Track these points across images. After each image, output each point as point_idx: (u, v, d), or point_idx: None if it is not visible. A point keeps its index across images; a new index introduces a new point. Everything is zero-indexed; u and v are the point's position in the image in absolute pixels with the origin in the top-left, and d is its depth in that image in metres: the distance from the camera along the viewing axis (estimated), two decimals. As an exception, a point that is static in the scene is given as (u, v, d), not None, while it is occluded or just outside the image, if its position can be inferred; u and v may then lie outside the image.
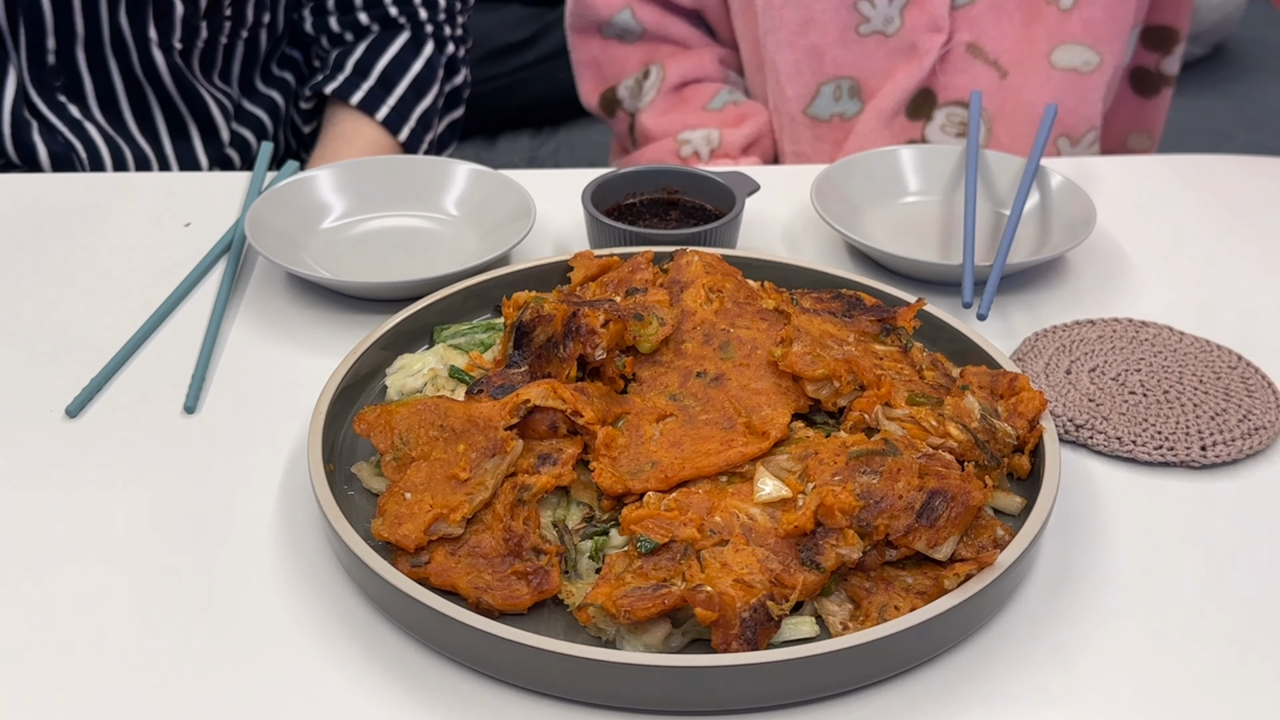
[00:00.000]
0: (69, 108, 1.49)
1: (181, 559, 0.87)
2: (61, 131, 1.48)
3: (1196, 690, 0.79)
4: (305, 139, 1.72)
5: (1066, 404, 1.00)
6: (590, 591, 0.79)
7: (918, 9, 1.49)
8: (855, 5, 1.50)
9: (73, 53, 1.47)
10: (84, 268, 1.19)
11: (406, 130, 1.60)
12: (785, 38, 1.53)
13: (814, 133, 1.58)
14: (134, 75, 1.51)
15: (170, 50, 1.51)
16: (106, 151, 1.51)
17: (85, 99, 1.51)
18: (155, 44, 1.49)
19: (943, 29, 1.50)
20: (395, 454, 0.88)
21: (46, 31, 1.45)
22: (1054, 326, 1.10)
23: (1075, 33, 1.50)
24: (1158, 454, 0.96)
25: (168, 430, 0.99)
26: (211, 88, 1.58)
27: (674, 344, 0.96)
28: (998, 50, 1.50)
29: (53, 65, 1.47)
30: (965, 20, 1.50)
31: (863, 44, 1.52)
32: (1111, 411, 0.99)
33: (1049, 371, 1.04)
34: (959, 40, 1.51)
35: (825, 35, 1.53)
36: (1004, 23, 1.50)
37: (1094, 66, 1.51)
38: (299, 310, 1.13)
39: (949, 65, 1.52)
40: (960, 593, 0.78)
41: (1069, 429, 0.98)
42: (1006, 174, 1.28)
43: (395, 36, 1.63)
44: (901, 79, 1.52)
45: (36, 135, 1.47)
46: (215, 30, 1.55)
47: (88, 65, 1.48)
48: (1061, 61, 1.51)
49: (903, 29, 1.51)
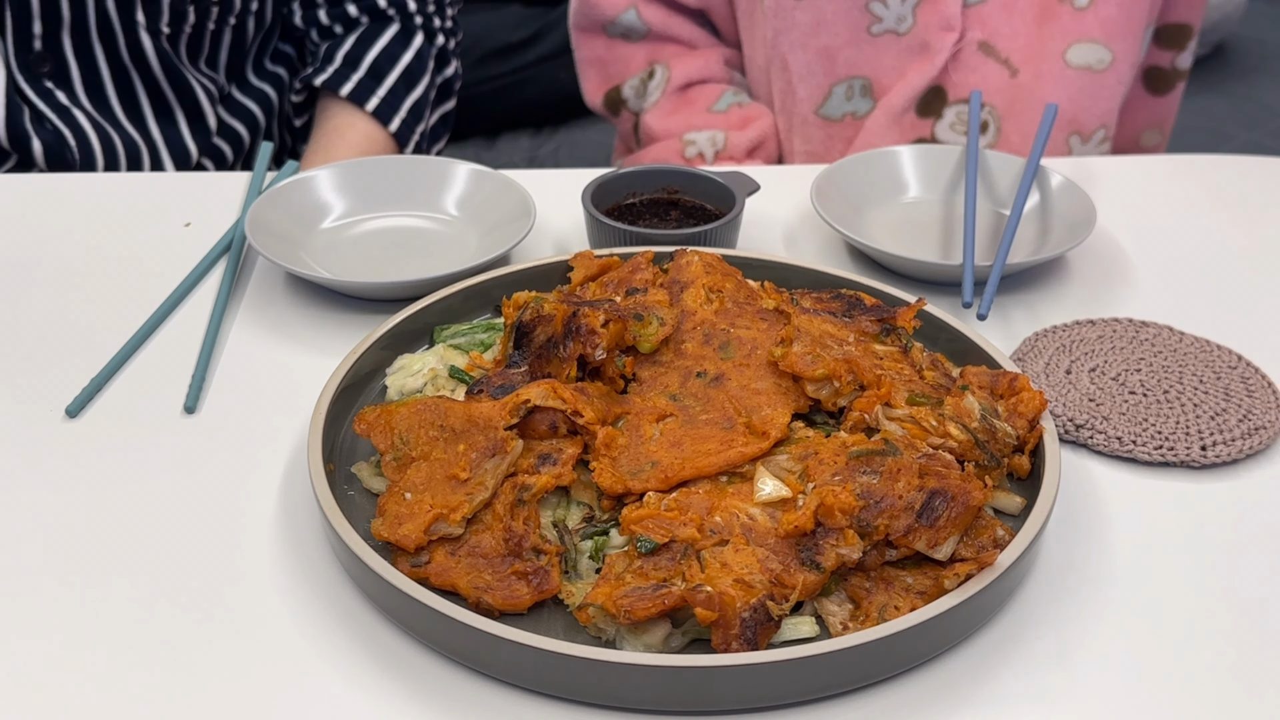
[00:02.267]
0: (56, 94, 1.49)
1: (181, 559, 0.87)
2: (51, 119, 1.48)
3: (1197, 690, 0.79)
4: (298, 132, 1.72)
5: (1066, 404, 1.00)
6: (590, 591, 0.79)
7: (930, 7, 1.49)
8: (867, 5, 1.50)
9: (59, 38, 1.47)
10: (84, 268, 1.19)
11: (397, 121, 1.60)
12: (798, 39, 1.53)
13: (825, 132, 1.58)
14: (120, 61, 1.50)
15: (158, 35, 1.51)
16: (96, 140, 1.50)
17: (72, 85, 1.50)
18: (143, 28, 1.49)
19: (955, 27, 1.50)
20: (395, 454, 0.88)
21: (33, 16, 1.44)
22: (1054, 326, 1.10)
23: (1090, 31, 1.50)
24: (1158, 454, 0.96)
25: (168, 430, 0.99)
26: (198, 74, 1.58)
27: (674, 344, 0.96)
28: (1009, 48, 1.50)
29: (39, 51, 1.46)
30: (977, 18, 1.50)
31: (875, 44, 1.52)
32: (1111, 411, 0.99)
33: (1049, 371, 1.04)
34: (971, 38, 1.50)
35: (838, 36, 1.52)
36: (1016, 21, 1.50)
37: (1107, 64, 1.52)
38: (299, 310, 1.13)
39: (960, 63, 1.52)
40: (960, 593, 0.78)
41: (1069, 429, 0.98)
42: (1006, 174, 1.28)
43: (385, 28, 1.63)
44: (913, 77, 1.52)
45: (28, 122, 1.47)
46: (203, 15, 1.54)
47: (74, 50, 1.48)
48: (1076, 60, 1.51)
49: (915, 27, 1.50)
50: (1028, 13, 1.50)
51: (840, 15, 1.51)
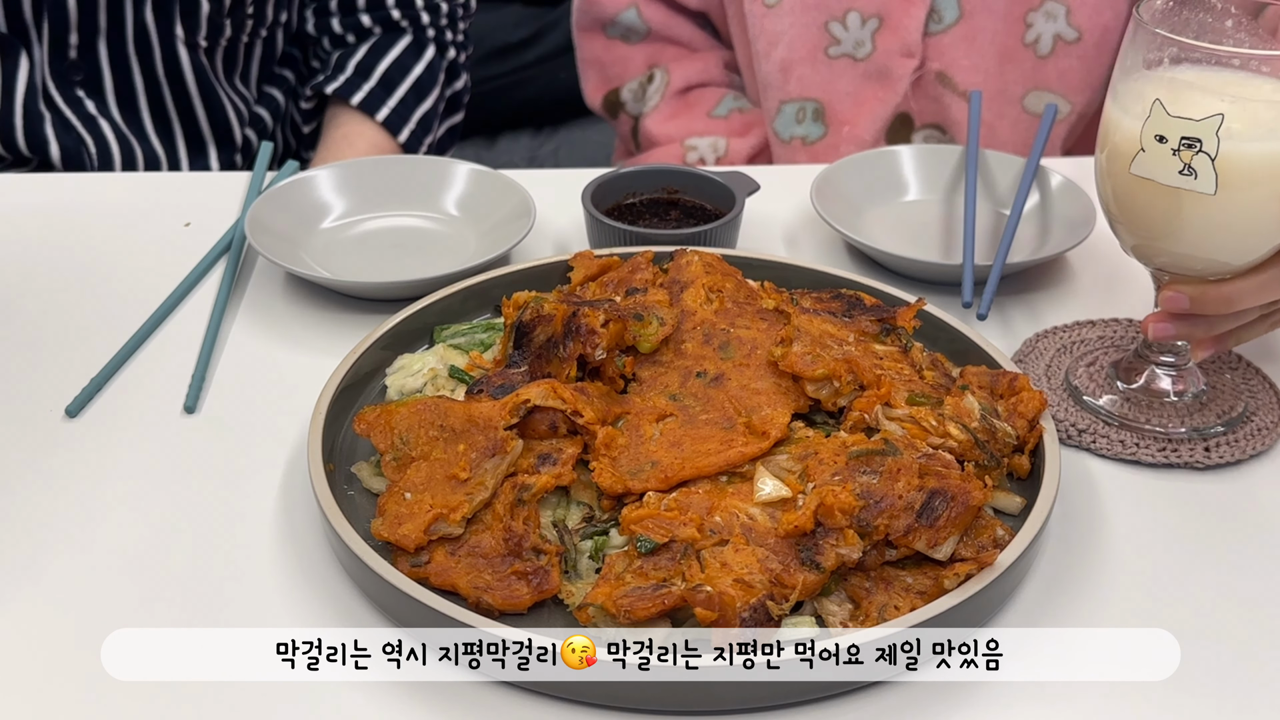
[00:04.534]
0: (85, 102, 1.49)
1: (181, 559, 0.87)
2: (75, 126, 1.48)
3: (1197, 690, 0.79)
4: (305, 138, 1.72)
5: (1068, 408, 1.00)
6: (590, 591, 0.79)
7: (890, 33, 1.48)
8: (826, 25, 1.49)
9: (95, 47, 1.47)
10: (84, 268, 1.19)
11: (406, 131, 1.61)
12: (763, 49, 1.52)
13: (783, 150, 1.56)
14: (155, 74, 1.51)
15: (195, 48, 1.51)
16: (117, 149, 1.50)
17: (104, 94, 1.51)
18: (181, 41, 1.50)
19: (915, 54, 1.49)
20: (395, 454, 0.88)
21: (70, 26, 1.45)
22: (1054, 327, 1.10)
23: (1049, 81, 1.50)
24: (1161, 456, 0.96)
25: (168, 430, 0.99)
26: (231, 91, 1.59)
27: (674, 344, 0.96)
28: (967, 82, 1.50)
29: (74, 60, 1.47)
30: (936, 49, 1.49)
31: (830, 66, 1.51)
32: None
33: (1050, 374, 1.04)
34: (929, 68, 1.50)
35: (795, 52, 1.51)
36: (976, 56, 1.49)
37: (1063, 115, 1.52)
38: (299, 310, 1.13)
39: (921, 91, 1.51)
40: (960, 593, 0.78)
41: (1071, 434, 0.98)
42: (1006, 174, 1.28)
43: (397, 39, 1.64)
44: (876, 106, 1.50)
45: (49, 128, 1.47)
46: (238, 28, 1.55)
47: (109, 61, 1.48)
48: (1032, 106, 1.51)
49: (874, 54, 1.49)
50: (989, 50, 1.49)
51: (799, 31, 1.50)
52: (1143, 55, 0.90)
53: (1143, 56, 0.90)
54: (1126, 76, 0.91)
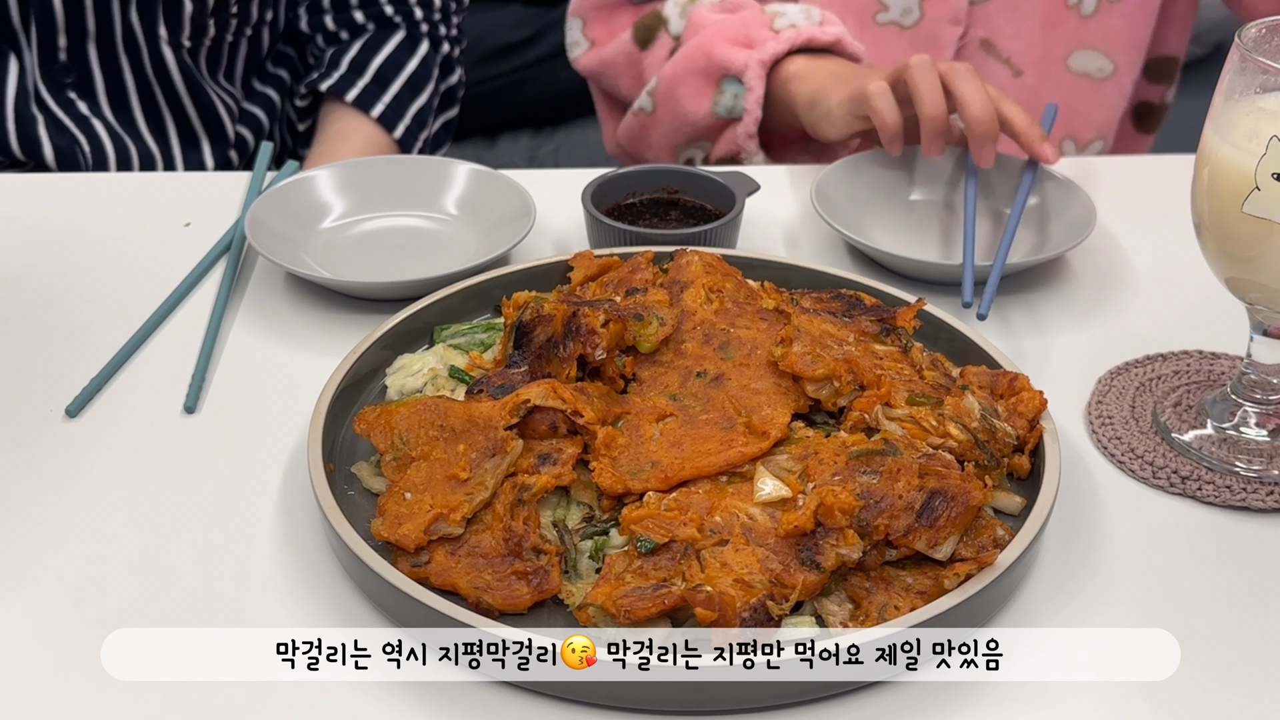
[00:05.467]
0: (78, 104, 1.50)
1: (181, 559, 0.87)
2: (69, 128, 1.49)
3: (1197, 690, 0.79)
4: (301, 136, 1.73)
5: (1163, 452, 0.96)
6: (590, 591, 0.79)
7: (938, 1, 1.48)
8: None
9: (84, 50, 1.48)
10: (84, 268, 1.19)
11: (401, 128, 1.61)
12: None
13: None
14: (144, 74, 1.52)
15: (179, 48, 1.52)
16: (112, 150, 1.51)
17: (96, 96, 1.51)
18: (165, 41, 1.50)
19: (961, 21, 1.49)
20: (395, 454, 0.88)
21: (58, 29, 1.45)
22: (1125, 364, 1.05)
23: (1093, 39, 1.50)
24: (1271, 500, 0.91)
25: (168, 430, 0.99)
26: (218, 88, 1.59)
27: (674, 344, 0.96)
28: (1011, 49, 1.50)
29: (63, 62, 1.47)
30: (981, 15, 1.49)
31: (878, 33, 1.51)
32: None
33: (1137, 416, 0.99)
34: (974, 35, 1.50)
35: (843, 18, 1.48)
36: (1019, 22, 1.49)
37: (1108, 74, 1.52)
38: (299, 310, 1.13)
39: (964, 59, 1.51)
40: (960, 593, 0.78)
41: (1174, 481, 0.94)
42: (1007, 174, 1.28)
43: (391, 35, 1.64)
44: None
45: (42, 131, 1.47)
46: (222, 28, 1.55)
47: (99, 62, 1.49)
48: (1076, 66, 1.51)
49: (922, 21, 1.49)
50: (1032, 16, 1.50)
51: None
52: (1250, 82, 0.86)
53: (1250, 83, 0.86)
54: (1230, 104, 0.87)
